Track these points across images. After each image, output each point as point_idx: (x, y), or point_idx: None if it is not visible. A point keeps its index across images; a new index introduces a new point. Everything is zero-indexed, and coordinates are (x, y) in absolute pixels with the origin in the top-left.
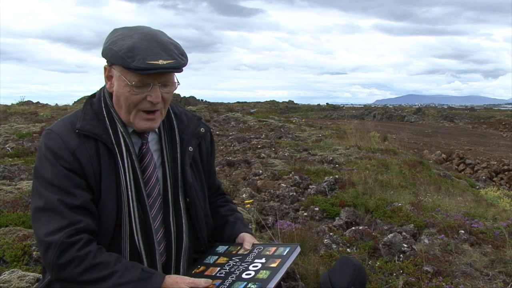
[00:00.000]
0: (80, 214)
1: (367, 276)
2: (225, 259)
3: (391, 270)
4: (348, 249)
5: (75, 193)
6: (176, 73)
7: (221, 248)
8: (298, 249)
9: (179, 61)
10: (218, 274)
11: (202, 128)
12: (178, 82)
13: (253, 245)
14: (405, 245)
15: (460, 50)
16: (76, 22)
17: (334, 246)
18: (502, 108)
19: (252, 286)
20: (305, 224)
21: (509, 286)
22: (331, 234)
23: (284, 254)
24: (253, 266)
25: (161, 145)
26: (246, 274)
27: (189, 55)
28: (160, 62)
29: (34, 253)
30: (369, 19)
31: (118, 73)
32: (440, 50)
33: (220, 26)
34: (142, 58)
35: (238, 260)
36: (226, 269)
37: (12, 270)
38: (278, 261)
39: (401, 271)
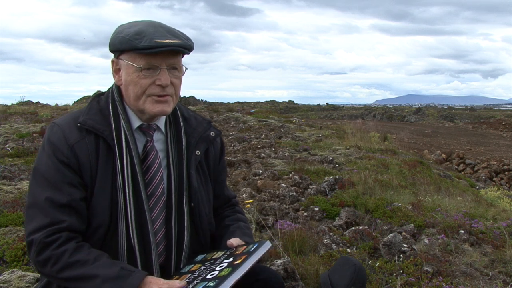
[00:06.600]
0: (65, 214)
1: (367, 276)
2: (198, 265)
3: (391, 270)
4: (348, 249)
5: (64, 190)
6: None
7: (199, 257)
8: (268, 244)
9: (185, 42)
10: (187, 280)
11: (212, 132)
12: (185, 67)
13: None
14: (405, 245)
15: (459, 50)
16: (74, 22)
17: (334, 246)
18: (502, 108)
19: (211, 284)
20: (305, 224)
21: (509, 286)
22: (331, 234)
23: (251, 250)
24: (220, 266)
25: (167, 146)
26: (211, 275)
27: (187, 55)
28: (168, 41)
29: None
30: (367, 19)
31: (125, 61)
32: (438, 50)
33: (217, 26)
34: (150, 38)
35: (209, 264)
36: (196, 274)
37: (12, 270)
38: (243, 257)
39: (401, 271)
